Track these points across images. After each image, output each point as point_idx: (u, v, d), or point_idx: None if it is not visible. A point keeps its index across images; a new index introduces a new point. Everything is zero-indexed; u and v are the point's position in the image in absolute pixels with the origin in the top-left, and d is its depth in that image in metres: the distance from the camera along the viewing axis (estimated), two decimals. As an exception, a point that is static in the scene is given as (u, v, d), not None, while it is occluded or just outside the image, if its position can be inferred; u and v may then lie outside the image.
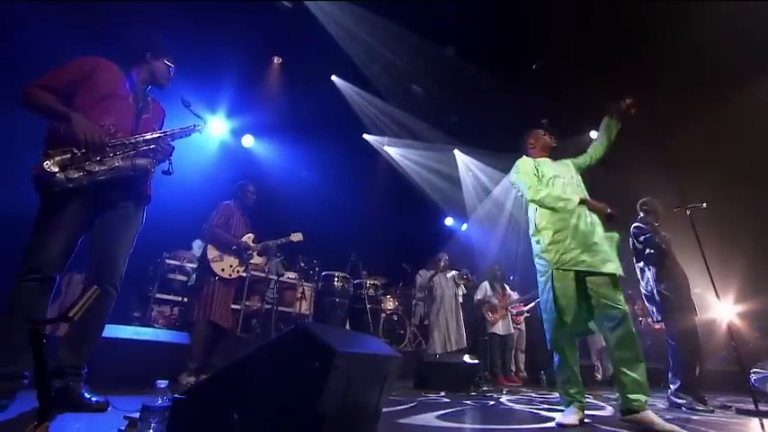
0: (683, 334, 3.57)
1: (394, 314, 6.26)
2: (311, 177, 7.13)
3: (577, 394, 2.31)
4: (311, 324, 1.44)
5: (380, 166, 8.60)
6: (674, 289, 3.64)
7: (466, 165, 9.03)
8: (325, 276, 5.22)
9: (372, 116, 7.97)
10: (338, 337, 1.61)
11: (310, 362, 1.40)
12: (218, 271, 3.31)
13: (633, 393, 2.07)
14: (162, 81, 2.28)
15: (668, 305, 3.61)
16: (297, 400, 1.39)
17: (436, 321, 5.39)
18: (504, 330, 5.81)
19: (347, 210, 7.02)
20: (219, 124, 6.79)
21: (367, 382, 1.64)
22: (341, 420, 1.52)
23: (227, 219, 3.49)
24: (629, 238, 3.91)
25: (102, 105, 2.00)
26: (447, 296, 5.49)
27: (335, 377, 1.39)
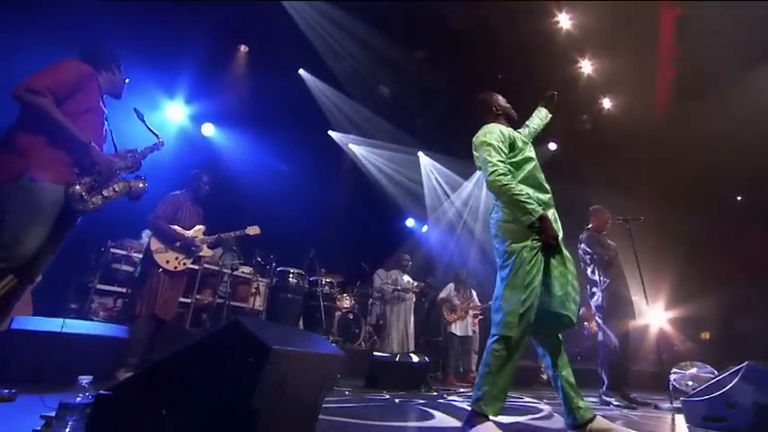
0: (617, 337, 3.82)
1: (350, 313, 6.25)
2: (273, 171, 6.99)
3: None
4: (248, 319, 1.42)
5: (344, 164, 8.57)
6: (614, 295, 3.92)
7: (429, 168, 9.18)
8: (280, 272, 5.13)
9: (338, 113, 7.92)
10: (276, 334, 1.59)
11: (244, 358, 1.38)
12: (161, 263, 3.17)
13: (583, 402, 1.96)
14: (119, 94, 2.37)
15: (609, 309, 3.88)
16: (230, 397, 1.36)
17: (390, 321, 5.44)
18: (461, 331, 5.92)
19: (308, 206, 6.92)
20: (178, 110, 6.48)
21: (305, 379, 1.64)
22: (276, 417, 1.51)
23: (174, 210, 3.35)
24: (579, 244, 4.15)
25: (84, 119, 2.07)
26: (403, 296, 5.55)
27: (270, 374, 1.37)
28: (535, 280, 1.88)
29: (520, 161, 2.09)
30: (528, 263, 1.89)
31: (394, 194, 8.79)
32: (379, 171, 8.65)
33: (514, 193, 1.92)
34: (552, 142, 8.40)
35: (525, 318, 1.84)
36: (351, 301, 6.56)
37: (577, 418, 1.91)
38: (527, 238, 1.92)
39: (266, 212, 5.34)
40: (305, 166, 7.11)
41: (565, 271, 1.97)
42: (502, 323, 1.86)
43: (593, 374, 4.33)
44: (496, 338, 1.86)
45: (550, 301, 1.93)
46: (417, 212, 9.30)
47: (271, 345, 1.36)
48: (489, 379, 1.82)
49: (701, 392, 2.54)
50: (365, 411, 2.48)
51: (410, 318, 5.53)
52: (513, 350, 1.83)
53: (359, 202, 8.08)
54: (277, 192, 6.58)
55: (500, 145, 2.05)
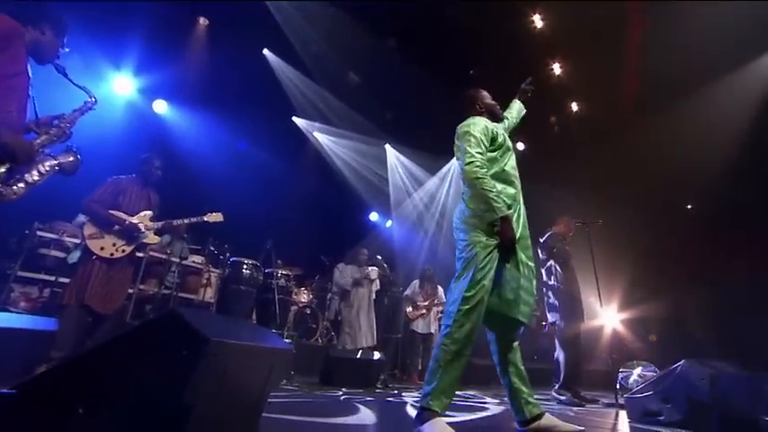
0: (570, 338, 4.07)
1: (307, 307, 6.18)
2: (231, 155, 6.74)
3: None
4: (187, 309, 1.36)
5: (307, 153, 8.42)
6: (569, 297, 4.16)
7: (395, 161, 9.22)
8: (233, 263, 4.99)
9: (304, 99, 7.76)
10: (217, 325, 1.54)
11: (179, 349, 1.32)
12: (95, 249, 2.98)
13: (533, 399, 2.03)
14: (46, 60, 2.11)
15: (563, 311, 4.12)
16: (160, 393, 1.30)
17: (349, 317, 5.45)
18: (423, 329, 6.00)
19: (267, 194, 6.76)
20: (125, 82, 6.10)
21: (249, 374, 1.60)
22: (213, 414, 1.46)
23: (114, 194, 3.17)
24: (541, 242, 4.37)
25: (8, 85, 1.87)
26: (362, 292, 5.57)
27: (208, 367, 1.33)
28: (486, 278, 1.91)
29: (498, 156, 2.18)
30: (482, 260, 1.93)
31: (358, 187, 8.75)
32: (343, 162, 8.57)
33: (485, 187, 1.97)
34: (521, 142, 8.66)
35: (473, 313, 1.87)
36: (308, 296, 6.48)
37: (526, 414, 1.97)
38: (486, 235, 1.98)
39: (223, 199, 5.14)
40: (266, 153, 6.92)
41: (517, 275, 2.00)
42: (451, 317, 1.90)
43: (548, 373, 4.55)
44: (446, 332, 1.88)
45: (500, 304, 1.98)
46: (382, 206, 9.33)
47: (209, 336, 1.31)
48: (437, 374, 1.84)
49: (642, 390, 2.73)
50: (311, 408, 2.46)
51: (370, 314, 5.55)
52: (462, 345, 1.85)
53: (321, 193, 7.99)
54: (235, 178, 6.38)
55: (482, 138, 2.12)
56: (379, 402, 3.03)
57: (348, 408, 2.59)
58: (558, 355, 4.11)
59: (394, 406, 2.79)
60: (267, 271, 5.35)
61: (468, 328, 1.86)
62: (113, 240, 3.06)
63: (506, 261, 1.99)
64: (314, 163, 8.41)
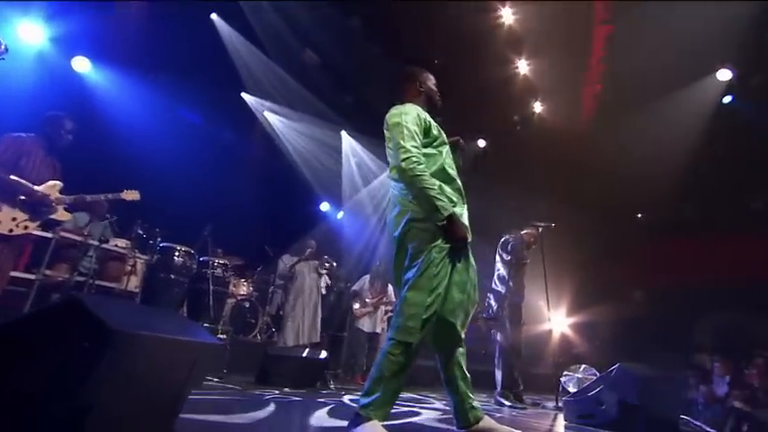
0: (511, 343, 4.30)
1: (246, 300, 6.05)
2: (167, 128, 6.35)
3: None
4: (89, 296, 1.27)
5: (256, 133, 8.15)
6: (515, 302, 4.40)
7: (351, 149, 9.16)
8: (163, 249, 4.74)
9: (255, 74, 7.48)
10: (129, 316, 1.46)
11: (80, 341, 1.24)
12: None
13: (476, 403, 2.06)
14: None
15: (508, 315, 4.34)
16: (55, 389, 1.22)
17: (292, 312, 5.38)
18: (369, 328, 6.02)
19: (208, 175, 6.51)
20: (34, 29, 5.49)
21: (164, 370, 1.53)
22: (119, 412, 1.38)
23: (15, 155, 2.82)
24: (505, 241, 4.55)
25: None
26: (307, 286, 5.52)
27: (112, 360, 1.26)
28: (441, 284, 1.88)
29: (436, 152, 2.07)
30: (436, 265, 1.88)
31: (310, 173, 8.59)
32: (295, 146, 8.38)
33: (426, 185, 1.87)
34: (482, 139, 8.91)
35: (428, 323, 1.85)
36: (249, 288, 6.35)
37: (469, 418, 1.99)
38: (437, 239, 1.91)
39: (155, 177, 4.91)
40: (209, 129, 6.62)
41: (466, 278, 2.00)
42: (402, 328, 1.84)
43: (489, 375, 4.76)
44: (394, 343, 1.83)
45: (444, 306, 1.93)
46: (334, 196, 9.25)
47: (115, 327, 1.24)
48: (381, 384, 1.81)
49: (579, 393, 2.94)
50: (231, 408, 2.41)
51: (316, 310, 5.52)
52: (411, 356, 1.83)
53: (269, 178, 7.78)
54: (171, 154, 6.04)
55: (415, 129, 2.00)
56: (303, 402, 3.01)
57: (257, 405, 2.57)
58: (499, 359, 4.31)
59: (311, 405, 2.77)
60: (202, 259, 5.14)
61: (419, 339, 1.84)
62: (13, 213, 2.75)
63: (458, 263, 1.95)
64: (262, 145, 8.15)
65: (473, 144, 8.68)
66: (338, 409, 2.64)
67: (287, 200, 8.00)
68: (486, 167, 7.04)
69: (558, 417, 3.31)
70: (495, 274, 4.54)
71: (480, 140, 8.57)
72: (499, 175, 7.35)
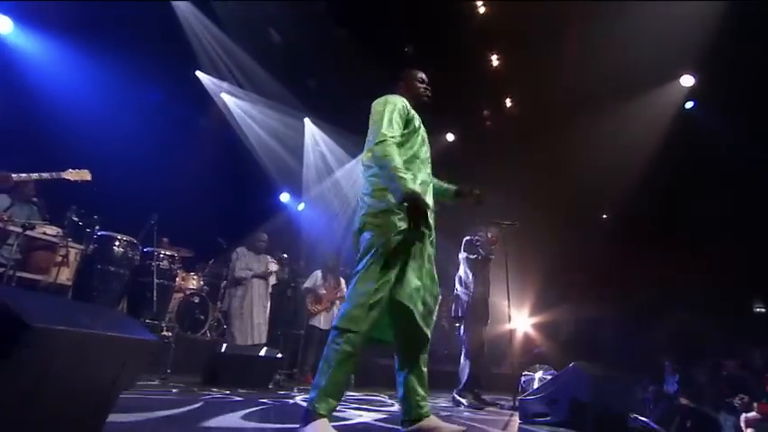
0: (475, 342, 4.40)
1: (195, 295, 5.88)
2: (109, 105, 6.04)
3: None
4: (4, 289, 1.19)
5: (211, 116, 7.88)
6: (479, 301, 4.49)
7: (314, 137, 9.05)
8: (101, 237, 4.50)
9: (212, 51, 7.22)
10: (50, 310, 1.38)
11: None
12: None
13: (425, 400, 2.10)
14: None
15: (471, 314, 4.43)
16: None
17: (240, 310, 5.29)
18: (324, 325, 5.99)
19: (156, 158, 6.25)
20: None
21: (89, 368, 1.46)
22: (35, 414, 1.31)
23: None
24: (471, 239, 4.65)
25: None
26: (257, 282, 5.42)
27: (25, 358, 1.19)
28: (391, 272, 1.96)
29: (410, 139, 2.20)
30: (386, 255, 1.97)
31: (269, 162, 8.41)
32: (254, 131, 8.16)
33: (394, 164, 1.97)
34: (450, 133, 9.03)
35: (374, 309, 1.90)
36: (199, 282, 6.19)
37: (413, 415, 2.05)
38: (391, 231, 2.00)
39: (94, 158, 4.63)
40: (157, 107, 6.31)
41: (422, 264, 2.08)
42: (347, 316, 1.91)
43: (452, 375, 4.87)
44: (338, 332, 1.89)
45: (398, 290, 1.99)
46: (295, 186, 9.12)
47: (31, 321, 1.17)
48: (326, 375, 1.85)
49: (534, 392, 3.06)
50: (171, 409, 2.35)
51: (265, 307, 5.45)
52: (356, 346, 1.88)
53: (225, 165, 7.56)
54: (114, 134, 5.76)
55: (397, 118, 2.13)
56: (239, 402, 2.98)
57: (179, 404, 2.53)
58: (462, 358, 4.41)
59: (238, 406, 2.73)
60: (147, 250, 4.93)
61: (365, 328, 1.89)
62: None
63: (414, 252, 2.03)
64: (218, 129, 7.89)
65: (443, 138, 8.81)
66: (262, 412, 2.55)
67: (244, 188, 7.81)
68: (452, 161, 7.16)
69: (512, 416, 3.43)
70: (460, 273, 4.64)
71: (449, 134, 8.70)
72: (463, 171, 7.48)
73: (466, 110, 8.58)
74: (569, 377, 2.72)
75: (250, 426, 2.05)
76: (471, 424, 2.85)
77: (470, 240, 4.64)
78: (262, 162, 8.24)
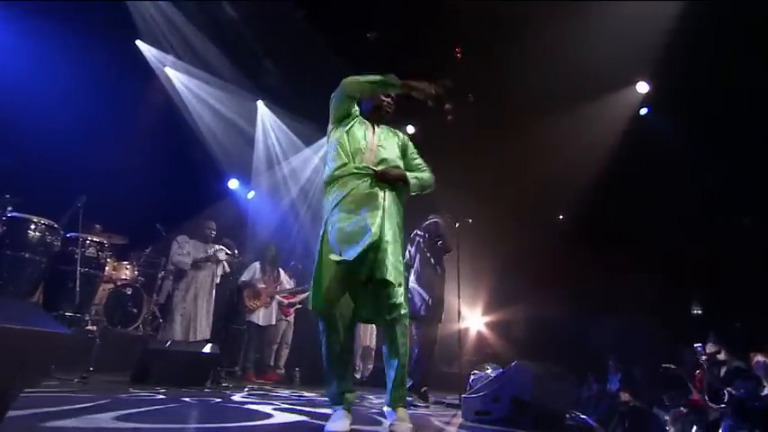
0: (428, 339, 4.45)
1: (128, 287, 5.61)
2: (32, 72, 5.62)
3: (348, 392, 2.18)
4: None
5: (152, 91, 7.48)
6: (434, 299, 4.50)
7: (267, 122, 8.82)
8: (12, 220, 4.16)
9: (154, 21, 6.84)
10: None
11: None
12: None
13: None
14: None
15: (427, 311, 4.45)
16: None
17: (182, 303, 5.12)
18: (263, 321, 5.90)
19: (88, 135, 5.91)
20: None
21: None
22: None
23: None
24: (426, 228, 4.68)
25: None
26: (203, 274, 5.27)
27: None
28: (328, 247, 2.14)
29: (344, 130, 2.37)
30: (324, 233, 2.19)
31: (217, 145, 8.11)
32: (201, 110, 7.83)
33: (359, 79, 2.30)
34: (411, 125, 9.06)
35: (323, 282, 2.08)
36: (133, 272, 5.92)
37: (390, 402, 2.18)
38: (331, 210, 2.21)
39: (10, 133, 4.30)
40: (88, 77, 5.90)
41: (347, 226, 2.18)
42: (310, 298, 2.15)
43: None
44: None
45: (345, 266, 2.09)
46: (245, 173, 8.87)
47: None
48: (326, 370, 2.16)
49: (477, 390, 3.14)
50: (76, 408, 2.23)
51: (210, 301, 5.29)
52: (326, 326, 2.12)
53: (167, 146, 7.20)
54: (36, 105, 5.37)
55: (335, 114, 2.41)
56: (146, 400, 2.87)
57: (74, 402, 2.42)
58: (414, 357, 4.44)
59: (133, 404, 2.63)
60: (70, 236, 4.63)
61: (323, 308, 2.13)
62: None
63: (341, 217, 2.19)
64: (159, 105, 7.49)
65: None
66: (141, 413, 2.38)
67: (187, 172, 7.49)
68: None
69: (456, 414, 3.50)
70: (413, 270, 4.66)
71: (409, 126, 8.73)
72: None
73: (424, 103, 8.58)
74: (511, 375, 2.81)
75: (112, 426, 1.93)
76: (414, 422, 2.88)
77: (426, 228, 4.66)
78: (208, 144, 7.92)
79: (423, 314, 4.45)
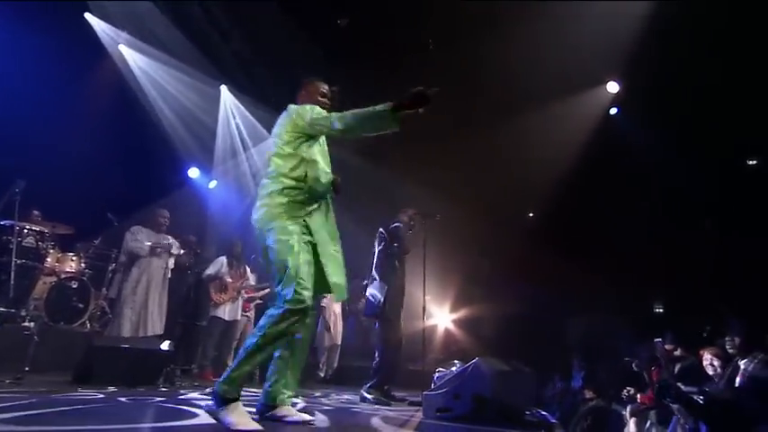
0: (391, 338, 4.45)
1: (73, 280, 5.37)
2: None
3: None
4: None
5: (104, 70, 7.11)
6: (393, 297, 4.49)
7: (230, 108, 8.61)
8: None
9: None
10: None
11: None
12: None
13: (289, 390, 2.36)
14: None
15: (388, 309, 4.44)
16: None
17: (132, 296, 4.96)
18: (229, 316, 5.80)
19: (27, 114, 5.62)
20: None
21: None
22: None
23: None
24: (387, 228, 4.62)
25: None
26: (155, 265, 5.13)
27: None
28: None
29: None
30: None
31: (176, 130, 7.81)
32: (158, 93, 7.51)
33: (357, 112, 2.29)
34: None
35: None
36: (79, 264, 5.67)
37: (276, 400, 2.27)
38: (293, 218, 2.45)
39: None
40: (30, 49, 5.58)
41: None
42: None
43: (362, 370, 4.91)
44: None
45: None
46: (206, 161, 8.63)
47: None
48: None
49: (439, 387, 3.16)
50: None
51: (162, 295, 5.16)
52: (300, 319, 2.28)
53: (120, 129, 6.90)
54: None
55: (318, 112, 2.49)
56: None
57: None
58: (377, 355, 4.45)
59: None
60: (5, 224, 4.40)
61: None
62: None
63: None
64: (113, 85, 7.14)
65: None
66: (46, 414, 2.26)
67: (143, 158, 7.21)
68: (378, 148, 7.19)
69: (417, 412, 3.51)
70: (374, 266, 4.63)
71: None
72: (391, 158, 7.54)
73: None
74: (472, 372, 2.84)
75: (8, 429, 1.82)
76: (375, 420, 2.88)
77: (387, 232, 4.64)
78: (166, 130, 7.63)
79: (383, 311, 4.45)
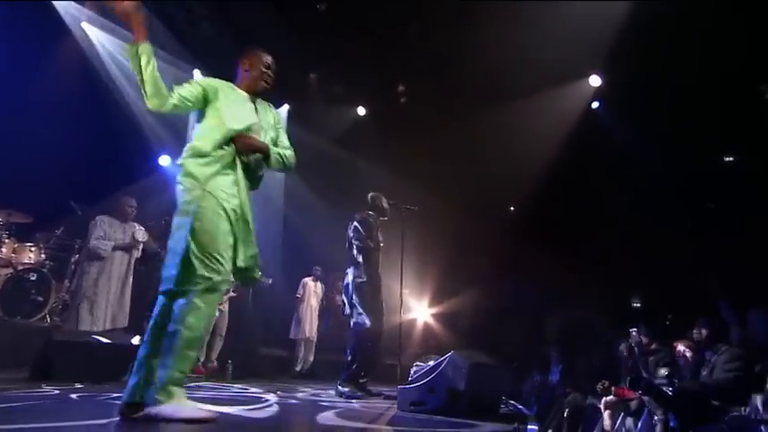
0: (369, 333, 4.42)
1: (32, 272, 5.23)
2: None
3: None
4: None
5: (67, 50, 6.80)
6: (369, 289, 4.49)
7: (204, 93, 8.34)
8: None
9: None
10: None
11: None
12: None
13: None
14: None
15: (366, 303, 4.43)
16: None
17: (93, 288, 4.83)
18: None
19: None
20: None
21: None
22: None
23: None
24: (351, 225, 4.58)
25: None
26: (118, 257, 4.99)
27: None
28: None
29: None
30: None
31: (145, 115, 7.54)
32: (125, 76, 7.23)
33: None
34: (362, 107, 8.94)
35: None
36: (39, 256, 5.51)
37: (137, 398, 1.97)
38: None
39: None
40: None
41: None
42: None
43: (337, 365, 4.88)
44: None
45: None
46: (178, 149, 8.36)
47: None
48: None
49: (413, 381, 3.17)
50: None
51: (126, 287, 5.04)
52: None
53: (84, 114, 6.64)
54: None
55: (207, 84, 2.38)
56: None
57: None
58: (350, 349, 4.45)
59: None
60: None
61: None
62: None
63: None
64: (76, 67, 6.85)
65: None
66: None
67: (110, 145, 6.95)
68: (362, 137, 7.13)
69: (393, 405, 3.52)
70: (349, 259, 4.61)
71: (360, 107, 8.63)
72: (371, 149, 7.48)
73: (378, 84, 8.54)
74: (447, 366, 2.85)
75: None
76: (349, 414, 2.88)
77: (360, 223, 4.59)
78: (134, 114, 7.38)
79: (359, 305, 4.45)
